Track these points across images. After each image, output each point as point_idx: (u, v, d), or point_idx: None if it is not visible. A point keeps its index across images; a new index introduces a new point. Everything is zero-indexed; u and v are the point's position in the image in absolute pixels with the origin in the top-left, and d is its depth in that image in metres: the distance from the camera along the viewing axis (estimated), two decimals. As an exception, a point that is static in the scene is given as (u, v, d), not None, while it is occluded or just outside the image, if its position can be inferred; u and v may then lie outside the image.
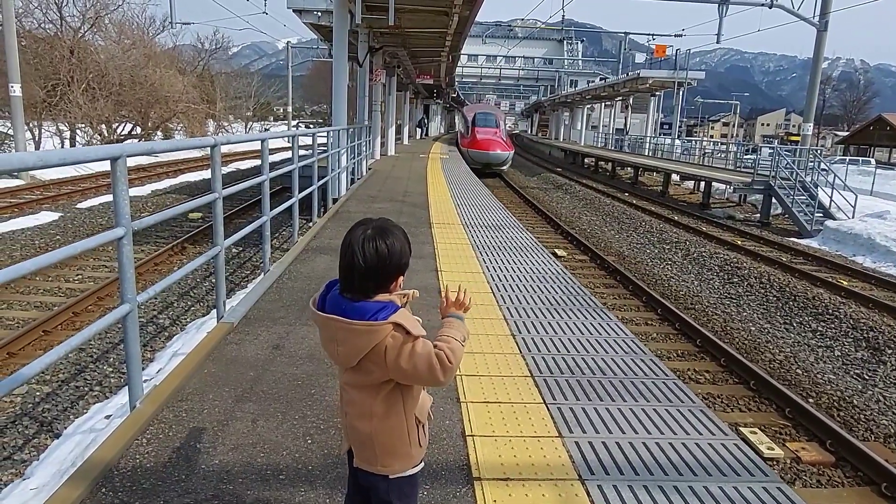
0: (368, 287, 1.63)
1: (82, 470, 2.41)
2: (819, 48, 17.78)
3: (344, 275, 1.64)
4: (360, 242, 1.61)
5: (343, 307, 1.62)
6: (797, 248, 13.57)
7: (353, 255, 1.61)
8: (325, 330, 1.67)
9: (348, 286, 1.64)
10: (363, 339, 1.59)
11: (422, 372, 1.61)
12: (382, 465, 1.73)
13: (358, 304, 1.62)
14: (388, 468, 1.74)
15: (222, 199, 4.21)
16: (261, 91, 53.68)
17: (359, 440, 1.74)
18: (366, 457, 1.75)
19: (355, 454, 1.79)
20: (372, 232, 1.64)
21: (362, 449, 1.75)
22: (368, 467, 1.75)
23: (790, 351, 7.50)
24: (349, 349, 1.62)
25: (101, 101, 25.18)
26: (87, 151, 2.57)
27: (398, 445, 1.73)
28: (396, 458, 1.74)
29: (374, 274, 1.61)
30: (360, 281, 1.62)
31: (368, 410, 1.69)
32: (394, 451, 1.73)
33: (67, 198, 14.51)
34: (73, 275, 8.50)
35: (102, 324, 2.66)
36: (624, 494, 2.50)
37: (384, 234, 1.64)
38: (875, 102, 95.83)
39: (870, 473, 4.64)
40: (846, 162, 30.19)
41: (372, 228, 1.65)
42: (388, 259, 1.62)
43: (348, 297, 1.64)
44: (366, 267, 1.60)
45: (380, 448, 1.72)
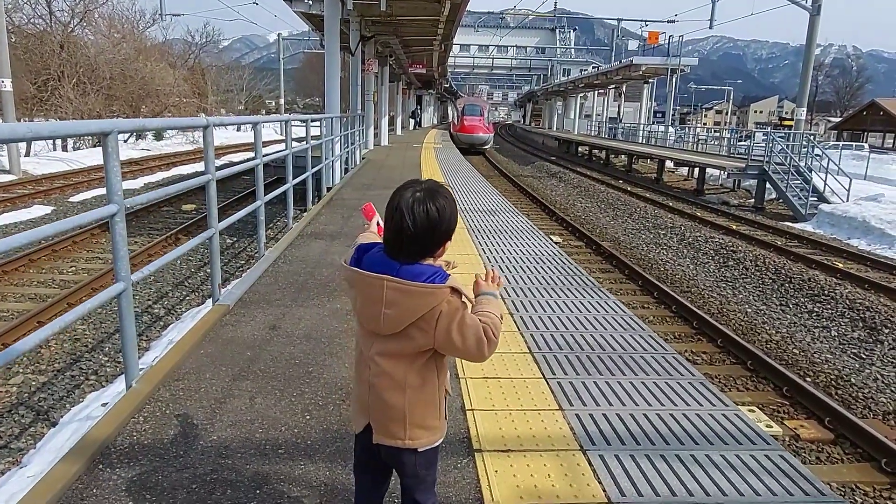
0: (415, 251, 1.55)
1: (79, 447, 2.38)
2: (812, 32, 17.73)
3: (393, 237, 1.55)
4: (410, 205, 1.53)
5: (394, 269, 1.53)
6: (792, 231, 13.59)
7: (403, 217, 1.52)
8: (369, 290, 1.55)
9: (397, 250, 1.55)
10: (420, 302, 1.51)
11: (469, 344, 1.54)
12: (411, 438, 1.65)
13: (411, 266, 1.53)
14: (416, 441, 1.66)
15: (215, 182, 4.16)
16: (252, 84, 53.44)
17: (388, 414, 1.65)
18: (393, 431, 1.65)
19: (378, 430, 1.68)
20: (422, 194, 1.55)
21: (390, 423, 1.65)
22: (394, 442, 1.66)
23: (787, 332, 7.51)
24: (401, 312, 1.52)
25: (91, 95, 24.98)
26: (78, 125, 2.53)
27: (429, 418, 1.67)
28: (426, 431, 1.67)
29: (423, 237, 1.53)
30: (408, 245, 1.53)
31: (402, 382, 1.61)
32: (424, 424, 1.66)
33: (60, 192, 14.41)
34: (67, 266, 8.44)
35: (96, 301, 2.63)
36: (626, 463, 2.48)
37: (434, 196, 1.56)
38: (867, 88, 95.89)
39: (869, 450, 4.65)
40: (840, 147, 30.25)
41: (422, 190, 1.56)
42: (439, 223, 1.54)
43: (397, 260, 1.55)
44: (415, 231, 1.52)
45: (411, 421, 1.64)
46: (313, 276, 5.14)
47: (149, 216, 12.02)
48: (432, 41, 21.21)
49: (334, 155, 11.32)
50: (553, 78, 55.60)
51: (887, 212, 13.57)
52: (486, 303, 1.66)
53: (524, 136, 56.05)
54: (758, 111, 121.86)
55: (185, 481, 2.24)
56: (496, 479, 2.34)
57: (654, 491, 2.31)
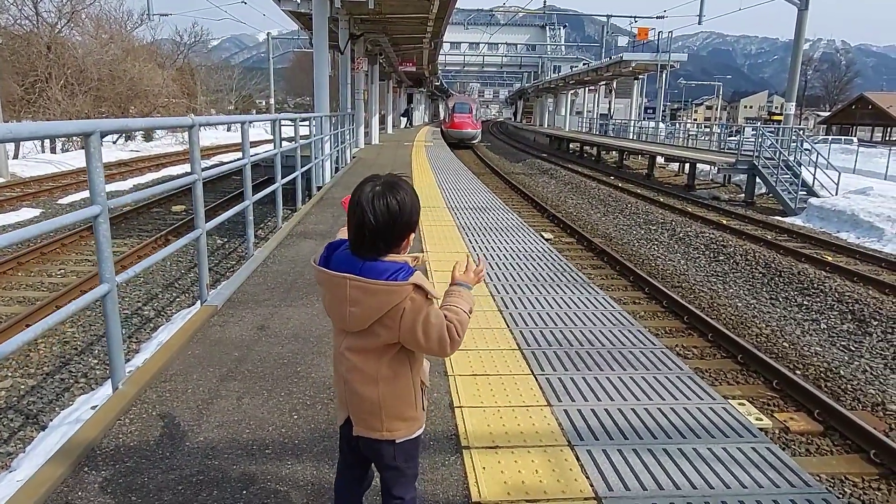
0: (379, 246, 1.56)
1: (64, 450, 2.37)
2: (800, 27, 17.80)
3: (354, 233, 1.57)
4: (370, 199, 1.54)
5: (357, 267, 1.55)
6: (782, 225, 13.67)
7: (364, 212, 1.53)
8: (335, 290, 1.57)
9: (359, 245, 1.57)
10: (382, 300, 1.53)
11: (432, 342, 1.56)
12: (388, 430, 1.67)
13: (374, 263, 1.55)
14: (395, 433, 1.68)
15: (202, 183, 4.14)
16: (242, 84, 53.21)
17: (364, 407, 1.67)
18: (371, 424, 1.68)
19: (358, 422, 1.70)
20: (381, 188, 1.56)
21: (367, 416, 1.67)
22: (372, 434, 1.68)
23: (776, 325, 7.55)
24: (365, 310, 1.54)
25: (80, 96, 24.83)
26: (59, 126, 2.50)
27: (405, 409, 1.68)
28: (403, 422, 1.69)
29: (385, 232, 1.55)
30: (371, 239, 1.55)
31: (374, 375, 1.63)
32: (401, 415, 1.68)
33: (48, 194, 14.30)
34: (56, 269, 8.38)
35: (81, 303, 2.61)
36: (613, 457, 2.49)
37: (394, 189, 1.57)
38: (856, 82, 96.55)
39: (858, 441, 4.67)
40: (829, 141, 30.43)
41: (381, 184, 1.57)
42: (399, 216, 1.55)
43: (360, 257, 1.57)
44: (377, 225, 1.53)
45: (387, 413, 1.65)
46: (302, 276, 5.13)
47: (138, 218, 11.95)
48: (422, 39, 21.18)
49: (324, 154, 11.29)
50: (544, 75, 55.63)
51: (875, 205, 13.66)
52: (457, 295, 1.66)
53: (515, 133, 56.07)
54: (748, 106, 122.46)
55: (172, 482, 2.23)
56: (484, 475, 2.34)
57: (641, 485, 2.32)
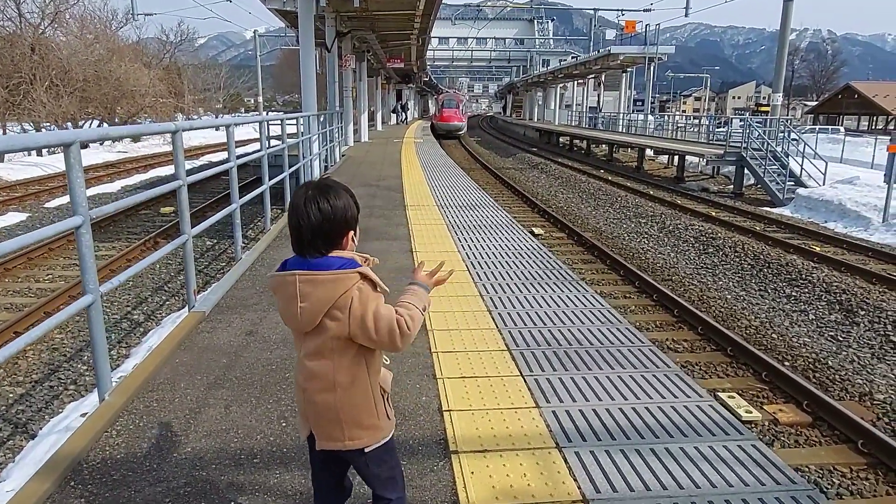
0: (318, 244, 1.64)
1: (50, 464, 2.35)
2: (786, 18, 17.86)
3: (294, 236, 1.66)
4: (304, 203, 1.64)
5: (304, 265, 1.64)
6: (770, 216, 13.75)
7: (299, 216, 1.64)
8: (285, 289, 1.64)
9: (300, 245, 1.66)
10: (329, 289, 1.59)
11: (381, 334, 1.61)
12: (350, 439, 1.69)
13: (319, 259, 1.64)
14: (356, 441, 1.70)
15: (187, 188, 4.11)
16: (230, 82, 52.85)
17: (323, 416, 1.69)
18: (331, 434, 1.70)
19: (319, 434, 1.73)
20: (313, 192, 1.66)
21: (327, 426, 1.70)
22: (333, 445, 1.70)
23: (765, 317, 7.61)
24: (314, 303, 1.60)
25: (65, 98, 24.57)
26: (38, 137, 2.48)
27: (365, 417, 1.70)
28: (364, 431, 1.70)
29: (320, 231, 1.63)
30: (310, 238, 1.64)
31: (331, 382, 1.66)
32: (361, 424, 1.70)
33: (35, 198, 14.18)
34: (44, 275, 8.32)
35: (64, 315, 2.59)
36: (601, 458, 2.51)
37: (325, 192, 1.67)
38: (843, 72, 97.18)
39: (846, 431, 4.71)
40: (816, 131, 30.59)
41: (313, 189, 1.67)
42: (332, 215, 1.64)
43: (305, 257, 1.65)
44: (310, 226, 1.62)
45: (346, 421, 1.68)
46: (291, 279, 5.10)
47: (126, 220, 11.87)
48: (409, 35, 21.10)
49: (313, 153, 11.24)
50: (532, 69, 55.59)
51: (862, 194, 13.77)
52: (412, 293, 1.73)
53: (505, 127, 56.04)
54: (736, 97, 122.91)
55: (159, 495, 2.22)
56: (472, 480, 2.35)
57: (628, 486, 2.33)
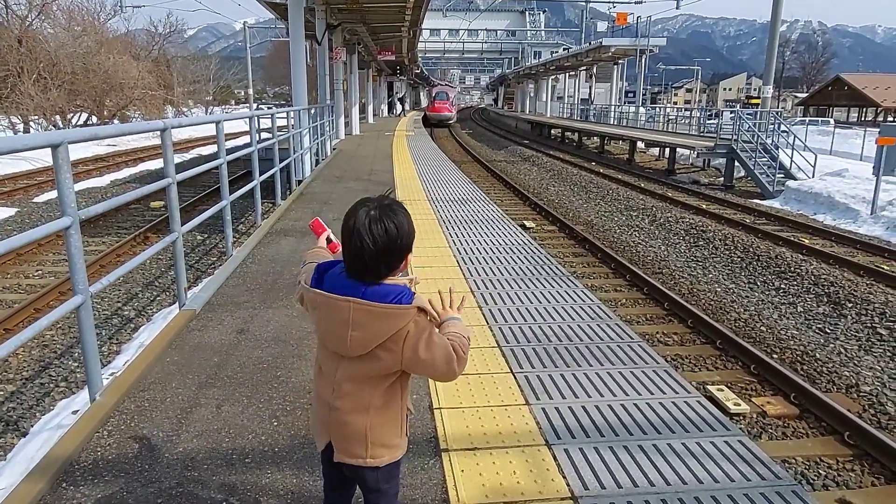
0: (380, 270, 1.53)
1: (42, 466, 2.36)
2: (776, 10, 17.90)
3: (353, 259, 1.53)
4: (367, 225, 1.51)
5: (359, 290, 1.53)
6: (760, 209, 13.83)
7: (362, 239, 1.50)
8: (335, 313, 1.53)
9: (358, 271, 1.53)
10: (387, 323, 1.50)
11: (439, 363, 1.54)
12: (372, 457, 1.65)
13: (375, 287, 1.53)
14: (378, 460, 1.66)
15: (177, 185, 4.10)
16: (220, 74, 52.45)
17: (349, 435, 1.65)
18: (354, 451, 1.66)
19: (340, 449, 1.68)
20: (377, 213, 1.53)
21: (352, 443, 1.65)
22: (355, 461, 1.66)
23: (755, 309, 7.67)
24: (368, 334, 1.51)
25: (53, 90, 24.34)
26: (26, 139, 2.46)
27: (390, 437, 1.67)
28: (386, 450, 1.68)
29: (385, 256, 1.52)
30: (371, 265, 1.52)
31: (366, 403, 1.61)
32: (386, 443, 1.66)
33: (23, 192, 14.06)
34: (33, 270, 8.27)
35: (53, 316, 2.59)
36: (590, 456, 2.54)
37: (390, 212, 1.54)
38: (833, 63, 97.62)
39: (833, 423, 4.77)
40: (805, 123, 30.73)
41: (376, 209, 1.54)
42: (399, 239, 1.53)
43: (361, 282, 1.54)
44: (376, 250, 1.50)
45: (373, 441, 1.64)
46: (282, 276, 5.11)
47: (116, 215, 11.79)
48: (400, 28, 21.00)
49: (303, 147, 11.20)
50: (524, 60, 55.50)
51: (851, 186, 13.87)
52: (452, 325, 1.66)
53: (497, 119, 55.99)
54: (727, 88, 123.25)
55: (151, 496, 2.23)
56: (462, 478, 2.37)
57: (616, 483, 2.37)
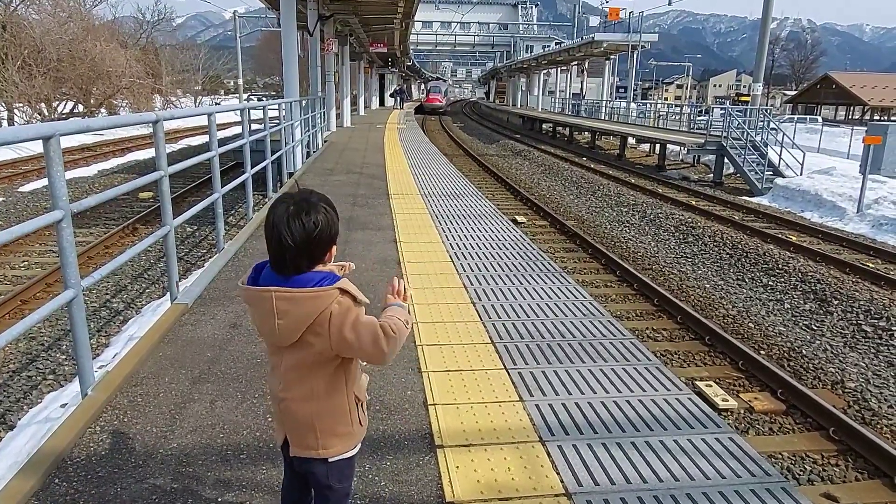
0: (302, 264, 1.57)
1: (33, 461, 2.34)
2: (767, 7, 17.98)
3: (275, 255, 1.57)
4: (286, 222, 1.53)
5: (281, 283, 1.57)
6: (748, 206, 13.94)
7: (281, 235, 1.53)
8: (261, 305, 1.57)
9: (281, 265, 1.57)
10: (308, 307, 1.54)
11: (365, 343, 1.57)
12: (323, 447, 1.69)
13: (297, 277, 1.57)
14: (329, 451, 1.70)
15: (168, 177, 4.06)
16: (209, 64, 51.93)
17: (299, 425, 1.69)
18: (306, 442, 1.69)
19: (293, 442, 1.72)
20: (295, 209, 1.55)
21: (302, 434, 1.69)
22: (307, 453, 1.70)
23: (743, 306, 7.74)
24: (291, 321, 1.55)
25: (38, 78, 24.00)
26: (17, 131, 2.43)
27: (339, 426, 1.70)
28: (338, 440, 1.70)
29: (305, 251, 1.55)
30: (293, 260, 1.55)
31: (310, 391, 1.65)
32: (335, 432, 1.69)
33: (8, 181, 13.89)
34: (19, 262, 8.18)
35: (45, 311, 2.56)
36: (582, 452, 2.56)
37: (308, 208, 1.56)
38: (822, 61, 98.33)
39: (819, 419, 4.84)
40: (794, 120, 30.94)
41: (294, 205, 1.56)
42: (318, 233, 1.55)
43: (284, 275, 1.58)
44: (296, 246, 1.53)
45: (321, 430, 1.67)
46: (275, 269, 5.08)
47: (104, 206, 11.68)
48: (393, 19, 20.90)
49: (295, 140, 11.14)
50: (516, 54, 55.43)
51: (838, 184, 14.01)
52: (392, 311, 1.68)
53: (489, 113, 55.99)
54: (717, 85, 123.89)
55: (145, 492, 2.23)
56: (457, 474, 2.39)
57: (609, 479, 2.39)
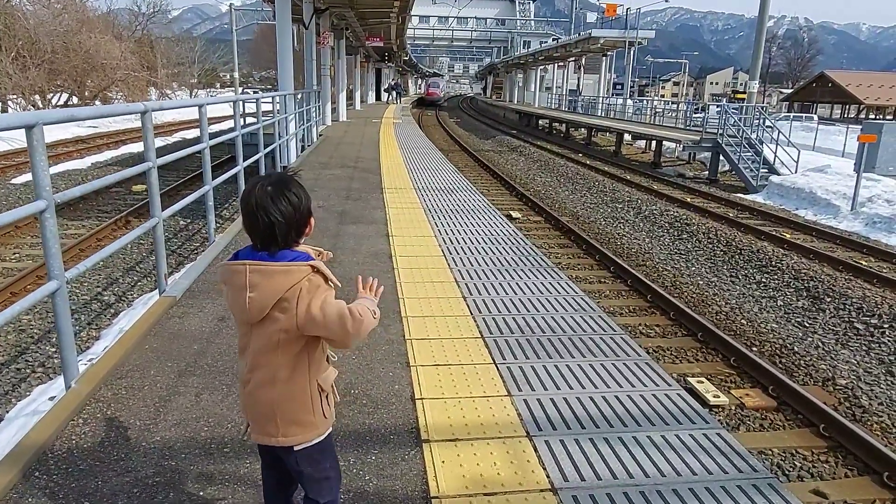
0: (290, 237, 1.64)
1: (13, 455, 2.31)
2: (764, 5, 17.97)
3: (262, 234, 1.62)
4: (270, 200, 1.60)
5: (259, 258, 1.62)
6: (743, 203, 13.96)
7: (268, 213, 1.59)
8: (234, 278, 1.62)
9: (270, 242, 1.62)
10: (279, 281, 1.58)
11: (331, 321, 1.60)
12: (284, 435, 1.70)
13: (276, 254, 1.63)
14: (291, 438, 1.70)
15: (158, 169, 4.02)
16: (205, 57, 51.66)
17: (261, 411, 1.71)
18: (267, 430, 1.71)
19: (255, 429, 1.74)
20: (274, 188, 1.62)
21: (264, 421, 1.71)
22: (269, 440, 1.72)
23: (735, 302, 7.75)
24: (263, 293, 1.58)
25: (32, 69, 23.84)
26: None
27: (300, 413, 1.70)
28: (299, 428, 1.71)
29: (294, 224, 1.63)
30: (283, 235, 1.62)
31: (272, 376, 1.66)
32: (295, 420, 1.70)
33: (1, 173, 13.78)
34: (10, 253, 8.13)
35: (27, 302, 2.53)
36: (570, 448, 2.54)
37: (287, 184, 1.65)
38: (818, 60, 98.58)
39: (809, 416, 4.85)
40: (790, 119, 30.98)
41: (271, 185, 1.63)
42: (301, 204, 1.64)
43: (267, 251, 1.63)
44: (285, 220, 1.61)
45: (281, 417, 1.69)
46: (265, 262, 5.05)
47: (97, 198, 11.62)
48: (389, 13, 20.79)
49: (289, 133, 11.08)
50: (513, 50, 55.32)
51: (833, 182, 14.03)
52: (362, 301, 1.74)
53: (485, 109, 55.89)
54: (714, 82, 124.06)
55: (126, 486, 2.20)
56: (443, 469, 2.37)
57: (596, 475, 2.37)
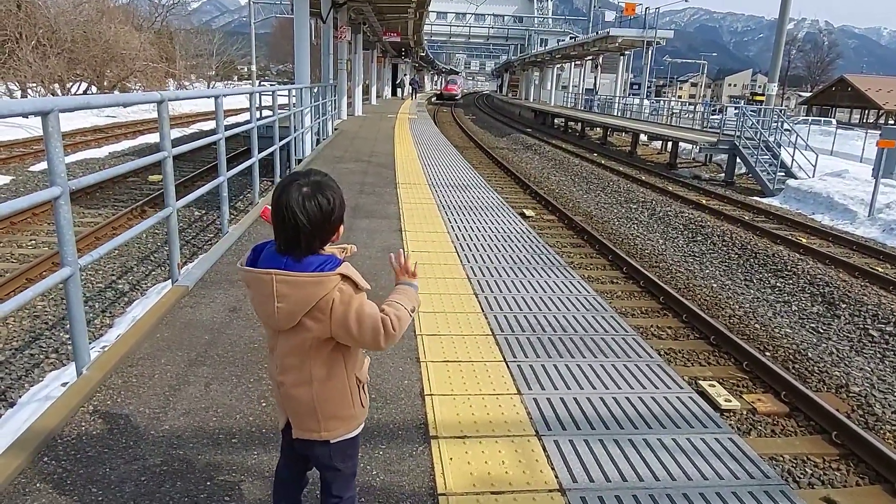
0: (315, 244, 1.57)
1: (22, 440, 2.33)
2: (784, 9, 17.74)
3: (287, 236, 1.56)
4: (301, 202, 1.54)
5: (284, 264, 1.56)
6: (759, 206, 13.80)
7: (296, 215, 1.53)
8: (260, 287, 1.57)
9: (293, 246, 1.56)
10: (309, 292, 1.53)
11: (365, 334, 1.57)
12: (326, 430, 1.68)
13: (302, 260, 1.56)
14: (332, 433, 1.69)
15: (174, 159, 4.04)
16: (223, 49, 51.92)
17: (300, 409, 1.68)
18: (308, 426, 1.69)
19: (296, 425, 1.72)
20: (309, 189, 1.56)
21: (304, 418, 1.69)
22: (309, 435, 1.70)
23: (749, 306, 7.66)
24: (292, 304, 1.54)
25: (52, 58, 24.05)
26: (12, 104, 2.40)
27: (341, 408, 1.69)
28: (340, 422, 1.70)
29: (320, 231, 1.56)
30: (307, 240, 1.55)
31: (308, 376, 1.63)
32: (337, 415, 1.69)
33: (19, 160, 13.92)
34: (27, 240, 8.21)
35: (41, 288, 2.54)
36: (579, 448, 2.52)
37: (322, 188, 1.58)
38: (838, 63, 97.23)
39: (821, 423, 4.78)
40: (808, 122, 30.60)
41: (308, 185, 1.57)
42: (332, 213, 1.57)
43: (290, 256, 1.57)
44: (312, 226, 1.54)
45: (322, 414, 1.67)
46: (277, 255, 5.06)
47: (114, 187, 11.71)
48: (407, 9, 20.77)
49: (304, 126, 11.10)
50: (530, 48, 55.07)
51: (850, 188, 13.84)
52: (402, 293, 1.69)
53: (501, 107, 55.73)
54: (732, 84, 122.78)
55: (134, 473, 2.20)
56: (451, 466, 2.35)
57: (605, 476, 2.35)
